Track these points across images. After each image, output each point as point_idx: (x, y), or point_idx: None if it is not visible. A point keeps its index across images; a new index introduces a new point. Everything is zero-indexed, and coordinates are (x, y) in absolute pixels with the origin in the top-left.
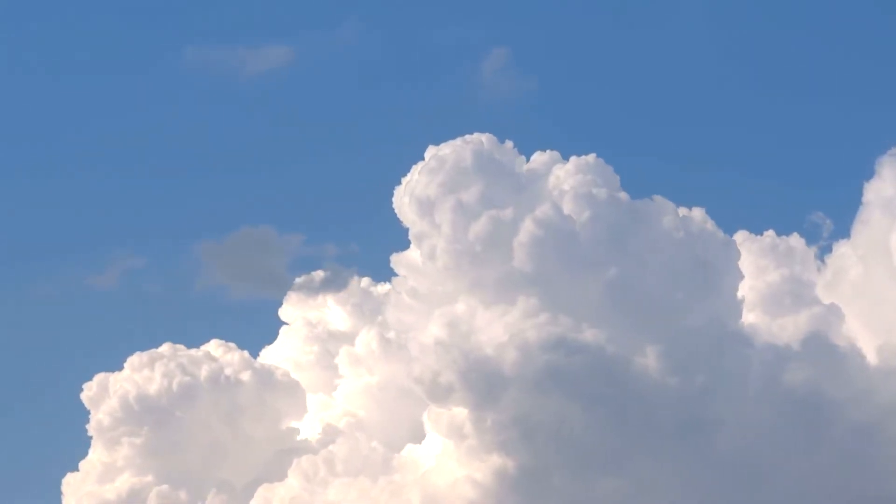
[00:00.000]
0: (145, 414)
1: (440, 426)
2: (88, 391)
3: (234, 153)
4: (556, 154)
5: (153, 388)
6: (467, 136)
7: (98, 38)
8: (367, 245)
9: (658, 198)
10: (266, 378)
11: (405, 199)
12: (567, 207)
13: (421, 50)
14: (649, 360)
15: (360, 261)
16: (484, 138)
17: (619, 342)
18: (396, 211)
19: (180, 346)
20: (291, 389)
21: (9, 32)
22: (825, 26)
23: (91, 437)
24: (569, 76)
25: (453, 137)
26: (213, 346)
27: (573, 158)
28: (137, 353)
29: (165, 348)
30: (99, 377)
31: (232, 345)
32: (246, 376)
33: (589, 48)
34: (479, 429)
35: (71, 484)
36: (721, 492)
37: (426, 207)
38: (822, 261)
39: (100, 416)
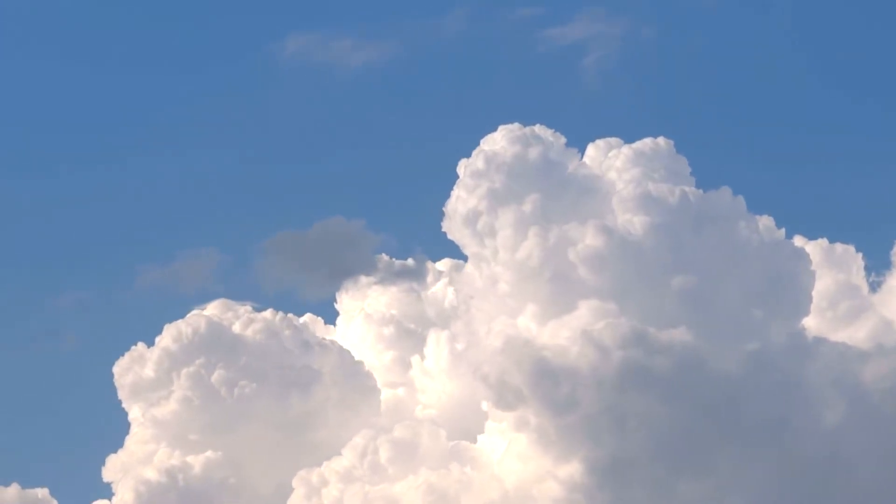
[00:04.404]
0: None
1: (509, 424)
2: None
3: (331, 145)
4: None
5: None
6: (503, 128)
7: (200, 23)
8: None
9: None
10: (341, 368)
11: (453, 223)
12: (633, 212)
13: (523, 45)
14: (729, 363)
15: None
16: (517, 130)
17: (695, 344)
18: (447, 233)
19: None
20: (366, 384)
21: (107, 24)
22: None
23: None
24: (667, 79)
25: None
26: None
27: (638, 143)
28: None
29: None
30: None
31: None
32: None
33: (691, 55)
34: (552, 427)
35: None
36: (805, 490)
37: (477, 226)
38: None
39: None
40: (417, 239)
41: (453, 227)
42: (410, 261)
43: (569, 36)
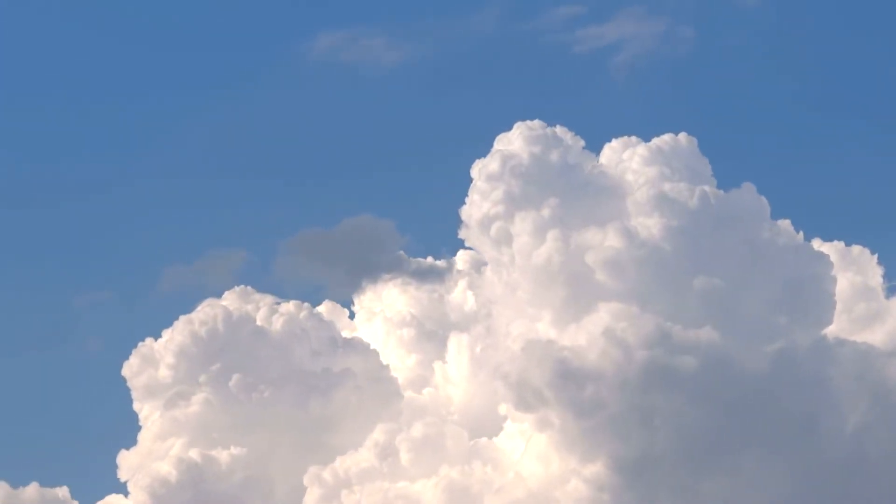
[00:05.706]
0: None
1: (529, 424)
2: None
3: (360, 143)
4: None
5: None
6: (519, 126)
7: (232, 20)
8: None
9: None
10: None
11: (470, 229)
12: (649, 213)
13: (558, 45)
14: (753, 363)
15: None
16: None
17: (719, 344)
18: (464, 240)
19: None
20: (389, 388)
21: (138, 23)
22: None
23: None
24: (695, 79)
25: None
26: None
27: (656, 140)
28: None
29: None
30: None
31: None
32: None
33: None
34: (576, 427)
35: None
36: (829, 488)
37: (491, 231)
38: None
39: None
40: (444, 240)
41: (471, 234)
42: (430, 258)
43: (607, 36)
